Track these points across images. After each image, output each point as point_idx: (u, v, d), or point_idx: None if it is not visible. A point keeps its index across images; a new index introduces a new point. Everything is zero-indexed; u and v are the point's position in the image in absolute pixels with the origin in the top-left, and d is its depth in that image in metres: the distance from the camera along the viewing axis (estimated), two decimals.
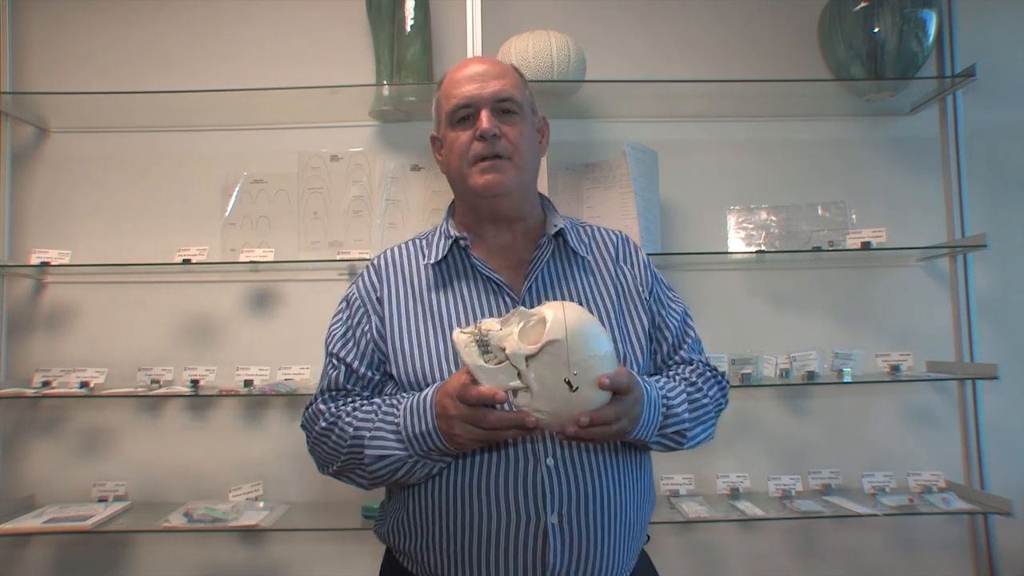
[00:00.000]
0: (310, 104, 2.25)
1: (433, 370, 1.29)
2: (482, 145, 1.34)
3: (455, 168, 1.38)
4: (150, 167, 2.39)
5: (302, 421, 1.39)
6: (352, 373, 1.36)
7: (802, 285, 2.40)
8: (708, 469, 2.32)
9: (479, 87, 1.35)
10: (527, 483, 1.24)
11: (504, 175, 1.34)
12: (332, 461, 1.32)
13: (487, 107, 1.35)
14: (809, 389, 2.37)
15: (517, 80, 1.41)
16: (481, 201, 1.37)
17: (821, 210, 2.37)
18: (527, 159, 1.38)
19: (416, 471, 1.25)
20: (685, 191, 2.39)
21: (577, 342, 1.12)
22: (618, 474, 1.30)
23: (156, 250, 2.30)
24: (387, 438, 1.24)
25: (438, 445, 1.21)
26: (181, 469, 2.30)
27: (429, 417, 1.20)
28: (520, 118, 1.37)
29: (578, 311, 1.15)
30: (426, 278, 1.39)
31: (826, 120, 2.45)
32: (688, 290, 2.38)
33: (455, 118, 1.36)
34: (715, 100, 2.32)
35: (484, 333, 1.14)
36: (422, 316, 1.34)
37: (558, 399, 1.13)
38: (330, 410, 1.34)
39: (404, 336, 1.33)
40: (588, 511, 1.26)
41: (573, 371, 1.12)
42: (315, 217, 2.34)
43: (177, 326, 2.35)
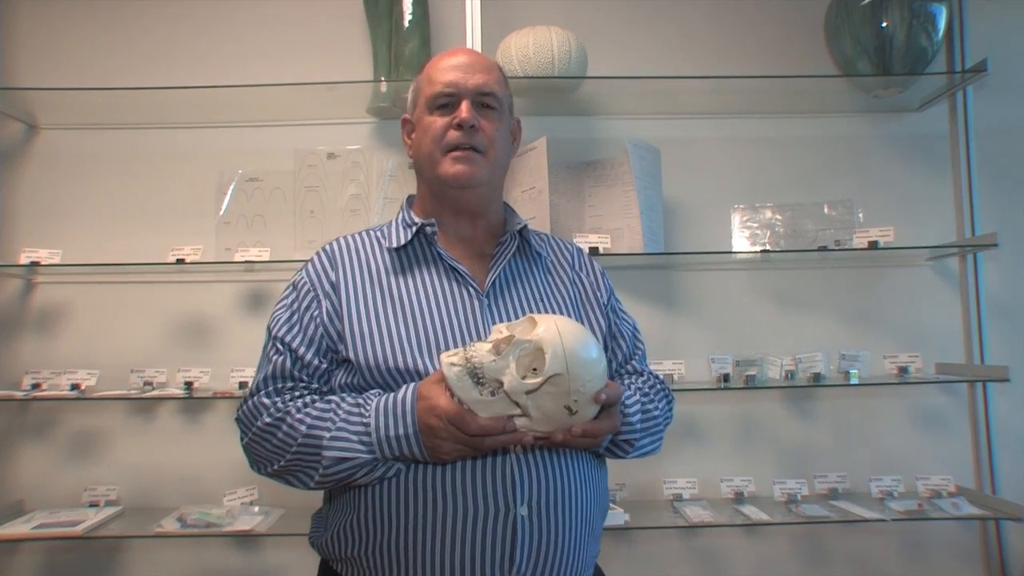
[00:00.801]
0: (306, 101, 2.24)
1: (396, 354, 1.27)
2: (459, 134, 1.35)
3: (426, 153, 1.38)
4: (143, 164, 2.37)
5: (238, 414, 1.34)
6: (298, 360, 1.32)
7: (808, 285, 2.39)
8: (712, 472, 2.31)
9: (464, 76, 1.37)
10: (496, 474, 1.22)
11: (476, 168, 1.36)
12: (273, 460, 1.27)
13: (469, 98, 1.36)
14: (815, 391, 2.35)
15: (501, 78, 1.43)
16: (448, 191, 1.38)
17: (827, 209, 2.36)
18: (500, 156, 1.40)
19: (374, 474, 1.23)
20: (689, 189, 2.38)
21: (577, 371, 1.12)
22: (583, 466, 1.31)
23: (149, 249, 2.28)
24: (350, 439, 1.21)
25: (413, 451, 1.19)
26: (174, 473, 2.29)
27: (409, 421, 1.18)
28: (499, 115, 1.39)
29: (573, 328, 1.15)
30: (384, 263, 1.38)
31: (833, 117, 2.43)
32: (691, 290, 2.38)
33: (435, 103, 1.37)
34: (719, 96, 2.32)
35: (477, 365, 1.12)
36: (381, 300, 1.33)
37: (557, 422, 1.15)
38: (275, 404, 1.28)
39: (364, 320, 1.31)
40: (558, 503, 1.25)
41: (573, 398, 1.13)
42: (311, 216, 2.33)
43: (171, 327, 2.33)
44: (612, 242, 2.17)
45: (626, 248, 2.17)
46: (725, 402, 2.36)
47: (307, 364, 1.31)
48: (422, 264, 1.37)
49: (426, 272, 1.36)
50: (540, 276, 1.43)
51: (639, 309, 2.33)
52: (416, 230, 1.39)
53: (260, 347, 2.08)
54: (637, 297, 2.35)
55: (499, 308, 1.34)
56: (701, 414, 2.36)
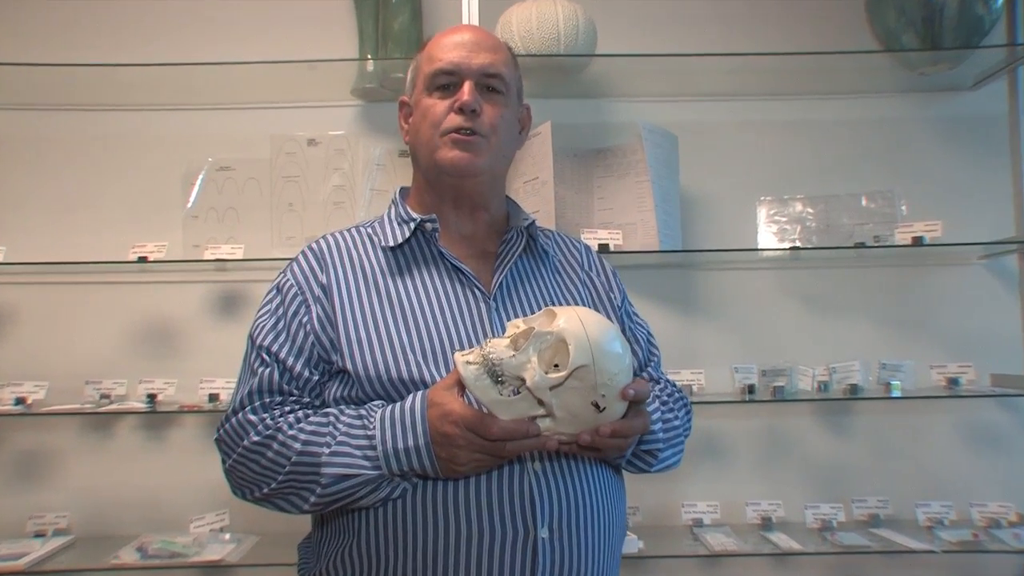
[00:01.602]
0: (284, 81, 2.23)
1: (398, 363, 1.26)
2: (459, 118, 1.35)
3: (424, 138, 1.38)
4: (100, 151, 2.35)
5: (218, 435, 1.32)
6: (287, 371, 1.30)
7: (843, 286, 2.37)
8: (736, 495, 2.29)
9: (467, 55, 1.36)
10: (513, 492, 1.22)
11: (476, 155, 1.36)
12: (263, 482, 1.26)
13: (472, 79, 1.36)
14: (852, 405, 2.34)
15: (509, 59, 1.43)
16: (445, 179, 1.38)
17: (866, 200, 2.34)
18: (503, 144, 1.40)
19: (377, 494, 1.21)
20: (709, 180, 2.37)
21: (604, 363, 1.13)
22: (606, 486, 1.32)
23: (107, 246, 2.24)
24: (353, 454, 1.20)
25: (424, 465, 1.18)
26: (134, 497, 2.26)
27: (420, 431, 1.17)
28: (505, 100, 1.39)
29: (596, 320, 1.16)
30: (379, 263, 1.37)
31: (872, 97, 2.41)
32: (712, 292, 2.38)
33: (435, 84, 1.37)
34: (744, 76, 2.30)
35: (495, 361, 1.13)
36: (378, 303, 1.32)
37: (583, 421, 1.15)
38: (264, 421, 1.27)
39: (361, 326, 1.30)
40: (580, 524, 1.25)
41: (601, 393, 1.13)
42: (290, 209, 2.33)
43: (131, 333, 2.31)
44: (624, 238, 2.16)
45: (639, 245, 2.17)
46: (750, 416, 2.35)
47: (297, 376, 1.30)
48: (421, 264, 1.37)
49: (426, 273, 1.36)
50: (549, 276, 1.44)
51: (654, 313, 2.30)
52: (415, 227, 1.39)
53: (232, 355, 2.01)
54: (652, 300, 2.33)
55: (507, 311, 1.34)
56: (724, 430, 2.34)
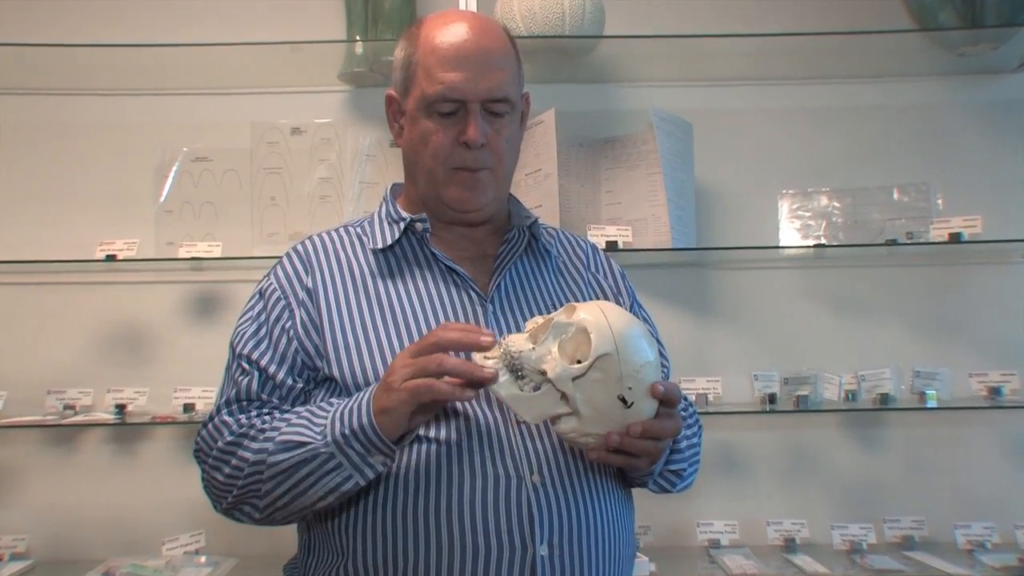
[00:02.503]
0: (266, 64, 2.21)
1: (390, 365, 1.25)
2: (465, 155, 1.34)
3: (424, 165, 1.37)
4: (64, 139, 2.33)
5: (196, 445, 1.32)
6: (268, 380, 1.31)
7: (873, 287, 2.35)
8: (756, 514, 2.26)
9: (472, 78, 1.32)
10: (511, 506, 1.22)
11: (482, 193, 1.37)
12: (231, 485, 1.26)
13: (477, 106, 1.33)
14: (883, 416, 2.32)
15: (514, 64, 1.39)
16: (446, 210, 1.39)
17: (898, 194, 2.33)
18: (507, 168, 1.41)
19: (324, 477, 1.18)
20: (726, 172, 2.35)
21: (628, 353, 1.13)
22: (612, 500, 1.32)
23: (72, 243, 2.21)
24: (308, 426, 1.20)
25: (362, 417, 1.15)
26: (101, 517, 2.24)
27: (367, 392, 1.18)
28: (510, 118, 1.38)
29: (619, 311, 1.17)
30: (368, 265, 1.38)
31: (906, 81, 2.38)
32: (730, 294, 2.36)
33: (434, 109, 1.34)
34: (764, 58, 2.28)
35: (515, 355, 1.14)
36: (367, 307, 1.33)
37: (611, 419, 1.15)
38: (239, 421, 1.28)
39: (348, 330, 1.30)
40: (583, 542, 1.25)
41: (627, 385, 1.13)
42: (272, 204, 2.33)
43: (98, 338, 2.30)
44: (634, 235, 2.16)
45: (651, 243, 2.16)
46: (771, 428, 2.34)
47: (280, 384, 1.31)
48: (413, 266, 1.38)
49: (419, 275, 1.37)
50: (551, 278, 1.44)
51: (666, 316, 2.25)
52: (405, 226, 1.39)
53: (209, 361, 1.99)
54: (664, 302, 2.30)
55: (506, 315, 1.35)
56: (742, 442, 2.32)
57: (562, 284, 1.43)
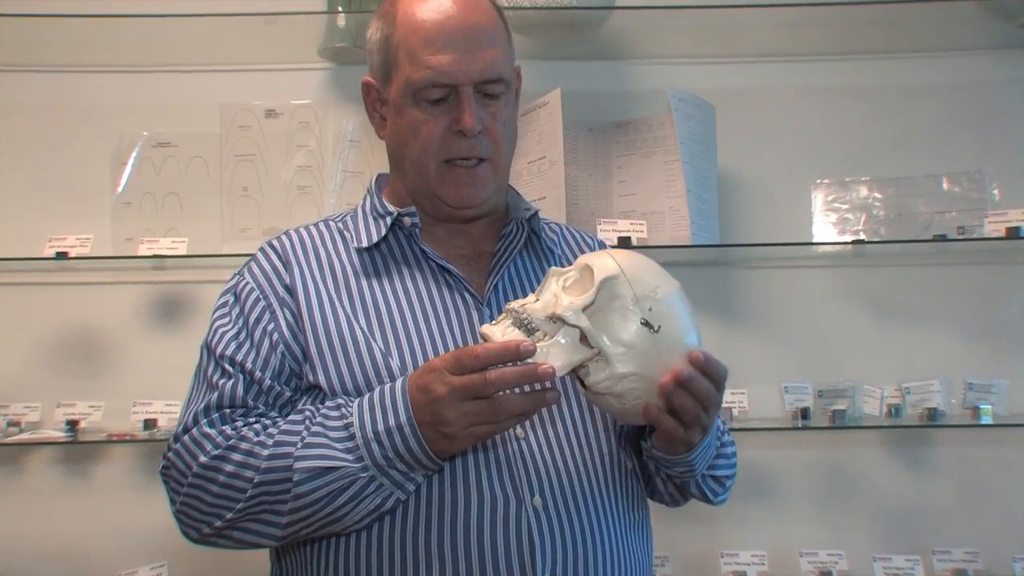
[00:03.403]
0: (238, 38, 2.20)
1: (380, 377, 1.24)
2: (461, 144, 1.32)
3: (414, 159, 1.35)
4: (9, 122, 2.32)
5: (165, 462, 1.27)
6: (254, 384, 1.27)
7: (919, 288, 2.34)
8: (787, 543, 2.23)
9: (462, 60, 1.30)
10: (509, 532, 1.21)
11: (483, 188, 1.35)
12: (224, 508, 1.20)
13: (469, 88, 1.31)
14: (931, 433, 2.30)
15: (505, 38, 1.38)
16: (441, 206, 1.37)
17: (947, 183, 2.30)
18: (506, 157, 1.39)
19: (364, 499, 1.17)
20: (753, 159, 2.34)
21: (636, 272, 1.15)
22: (624, 526, 1.30)
23: (17, 239, 2.20)
24: (331, 445, 1.16)
25: (410, 446, 1.14)
26: (51, 546, 2.22)
27: (401, 406, 1.15)
28: (505, 99, 1.36)
29: (626, 251, 1.21)
30: (351, 263, 1.36)
31: (959, 56, 2.36)
32: (757, 296, 2.35)
33: (422, 96, 1.32)
34: (797, 31, 2.28)
35: (519, 309, 1.15)
36: (351, 308, 1.31)
37: (643, 352, 1.14)
38: (224, 432, 1.22)
39: (333, 334, 1.28)
40: (588, 572, 1.24)
41: (646, 306, 1.13)
42: (245, 195, 2.31)
43: (48, 346, 2.29)
44: (649, 231, 2.15)
45: (668, 239, 2.14)
46: (804, 446, 2.32)
47: (266, 390, 1.28)
48: (401, 265, 1.37)
49: (407, 275, 1.35)
50: None
51: None
52: (392, 221, 1.38)
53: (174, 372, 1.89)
54: None
55: None
56: (772, 462, 2.30)
57: None
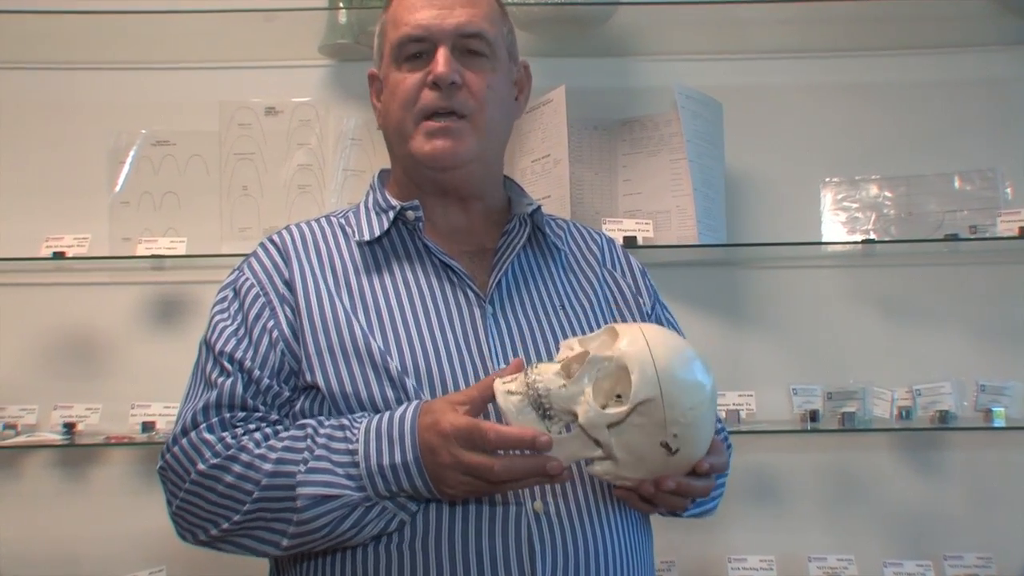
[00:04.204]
0: (237, 35, 2.20)
1: (379, 377, 1.25)
2: (435, 95, 1.33)
3: (395, 121, 1.38)
4: (4, 119, 2.32)
5: (163, 463, 1.28)
6: (252, 384, 1.27)
7: (930, 288, 2.33)
8: (796, 547, 2.23)
9: (439, 15, 1.34)
10: (508, 537, 1.21)
11: (459, 142, 1.34)
12: (221, 516, 1.22)
13: (447, 43, 1.33)
14: (942, 437, 2.29)
15: (493, 10, 1.41)
16: (424, 171, 1.38)
17: (959, 182, 2.29)
18: (494, 121, 1.38)
19: (367, 524, 1.18)
20: (761, 157, 2.34)
21: (676, 395, 1.12)
22: (626, 531, 1.30)
23: (14, 239, 2.20)
24: (333, 471, 1.17)
25: (415, 485, 1.16)
26: (47, 551, 2.23)
27: (409, 444, 1.16)
28: (491, 64, 1.38)
29: (666, 340, 1.15)
30: (352, 259, 1.36)
31: (971, 52, 2.35)
32: (765, 296, 2.34)
33: (402, 54, 1.36)
34: (805, 27, 2.28)
35: (543, 392, 1.13)
36: (351, 306, 1.31)
37: (650, 464, 1.15)
38: (223, 440, 1.23)
39: (331, 330, 1.28)
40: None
41: (673, 432, 1.12)
42: (244, 194, 2.31)
43: (44, 347, 2.29)
44: (655, 230, 2.15)
45: (674, 238, 2.15)
46: (813, 450, 2.31)
47: (265, 390, 1.28)
48: (403, 260, 1.37)
49: (409, 271, 1.36)
50: (559, 275, 1.43)
51: (692, 321, 2.16)
52: (395, 216, 1.38)
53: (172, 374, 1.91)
54: (689, 305, 2.26)
55: (507, 317, 1.34)
56: (780, 466, 2.30)
57: (573, 282, 1.43)
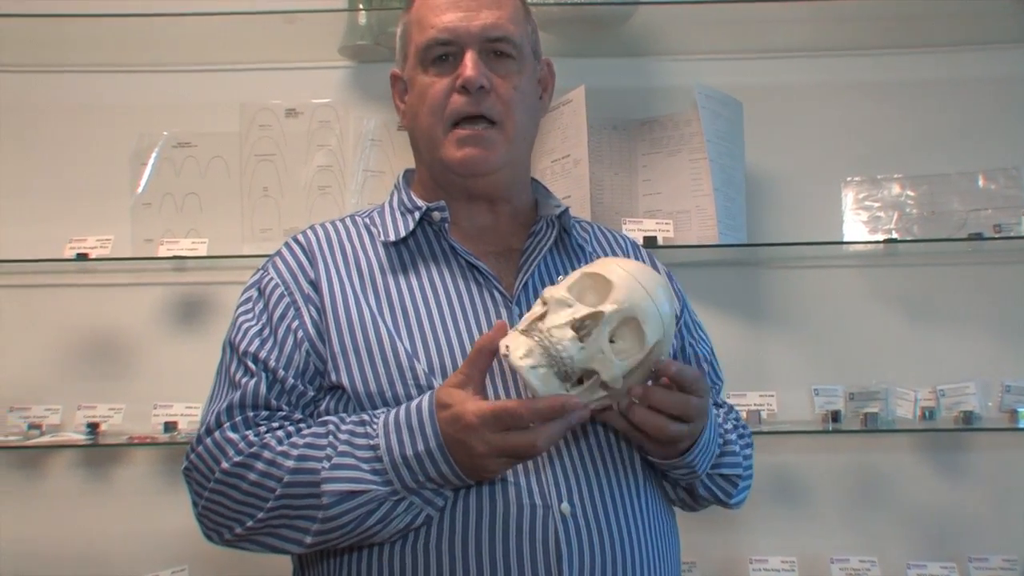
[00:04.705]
0: (258, 37, 2.21)
1: (404, 377, 1.26)
2: (464, 100, 1.33)
3: (424, 126, 1.37)
4: (29, 123, 2.33)
5: (187, 463, 1.28)
6: (277, 383, 1.28)
7: (953, 288, 2.32)
8: (818, 549, 2.22)
9: (465, 17, 1.34)
10: (535, 540, 1.21)
11: (490, 151, 1.35)
12: (245, 515, 1.22)
13: (474, 46, 1.33)
14: (966, 438, 2.28)
15: (518, 10, 1.41)
16: (454, 178, 1.38)
17: (983, 180, 2.28)
18: (521, 125, 1.38)
19: (393, 519, 1.18)
20: (782, 156, 2.34)
21: (671, 330, 1.19)
22: (654, 531, 1.30)
23: (38, 241, 2.20)
24: (359, 467, 1.17)
25: (442, 471, 1.16)
26: (71, 550, 2.23)
27: (430, 432, 1.16)
28: (518, 66, 1.37)
29: (651, 278, 1.18)
30: (378, 259, 1.36)
31: (994, 49, 2.34)
32: (786, 296, 2.34)
33: (428, 56, 1.35)
34: (824, 26, 2.27)
35: (566, 359, 1.13)
36: (377, 306, 1.31)
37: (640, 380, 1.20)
38: (246, 438, 1.23)
39: (357, 331, 1.29)
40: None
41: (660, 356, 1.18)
42: (265, 195, 2.31)
43: (68, 348, 2.29)
44: (675, 230, 2.15)
45: (695, 239, 2.15)
46: (835, 450, 2.30)
47: (289, 390, 1.29)
48: (429, 261, 1.37)
49: (435, 271, 1.36)
50: None
51: (713, 322, 2.14)
52: (420, 216, 1.38)
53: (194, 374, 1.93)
54: (710, 305, 2.25)
55: None
56: (802, 467, 2.30)
57: None
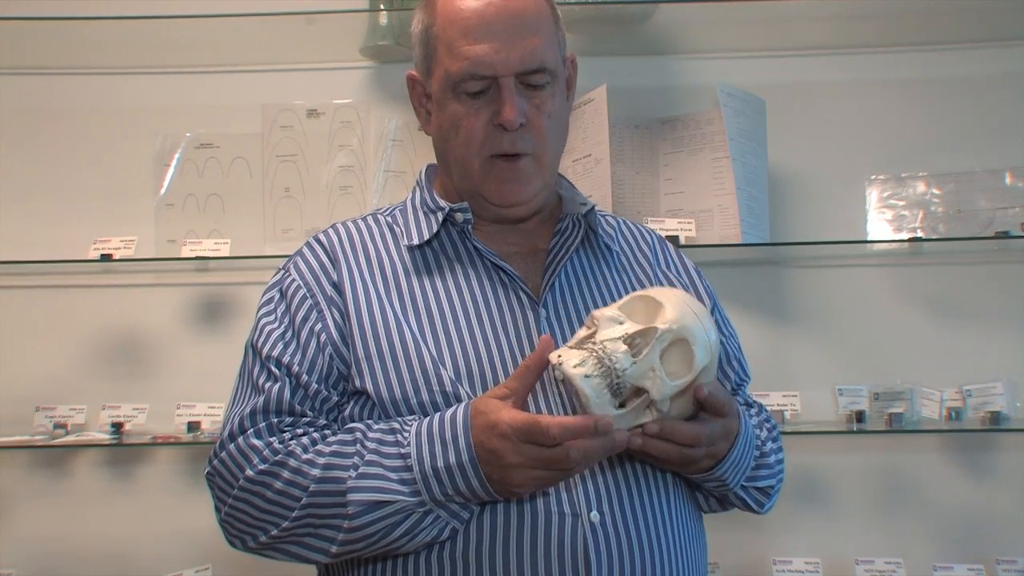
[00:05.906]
0: (279, 38, 2.22)
1: (428, 383, 1.25)
2: (502, 138, 1.32)
3: (459, 156, 1.36)
4: (53, 125, 2.33)
5: (210, 468, 1.28)
6: (300, 388, 1.27)
7: (980, 287, 2.31)
8: (842, 550, 2.22)
9: (502, 49, 1.30)
10: (564, 549, 1.19)
11: (526, 185, 1.35)
12: (270, 523, 1.22)
13: (510, 79, 1.30)
14: (994, 438, 2.27)
15: (551, 26, 1.37)
16: (486, 203, 1.37)
17: (1010, 178, 2.27)
18: (553, 151, 1.39)
19: (421, 532, 1.18)
20: (805, 155, 2.33)
21: (717, 357, 1.20)
22: (683, 538, 1.29)
23: (62, 242, 2.22)
24: (387, 477, 1.17)
25: (473, 486, 1.15)
26: (95, 549, 2.24)
27: (463, 445, 1.15)
28: (551, 90, 1.35)
29: (696, 303, 1.21)
30: (401, 260, 1.36)
31: (1019, 46, 2.33)
32: (809, 296, 2.34)
33: (462, 89, 1.32)
34: (848, 24, 2.27)
35: (619, 372, 1.13)
36: (401, 308, 1.30)
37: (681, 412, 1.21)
38: (271, 445, 1.22)
39: (381, 336, 1.28)
40: None
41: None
42: (287, 195, 2.33)
43: (92, 348, 2.30)
44: (697, 229, 2.16)
45: (717, 238, 2.16)
46: (860, 451, 2.30)
47: (313, 395, 1.29)
48: (454, 262, 1.36)
49: (460, 273, 1.35)
50: (613, 276, 1.42)
51: (736, 321, 2.11)
52: (443, 217, 1.38)
53: (217, 374, 1.95)
54: (733, 304, 2.14)
55: (560, 321, 1.32)
56: (826, 467, 2.29)
57: (627, 283, 1.41)
